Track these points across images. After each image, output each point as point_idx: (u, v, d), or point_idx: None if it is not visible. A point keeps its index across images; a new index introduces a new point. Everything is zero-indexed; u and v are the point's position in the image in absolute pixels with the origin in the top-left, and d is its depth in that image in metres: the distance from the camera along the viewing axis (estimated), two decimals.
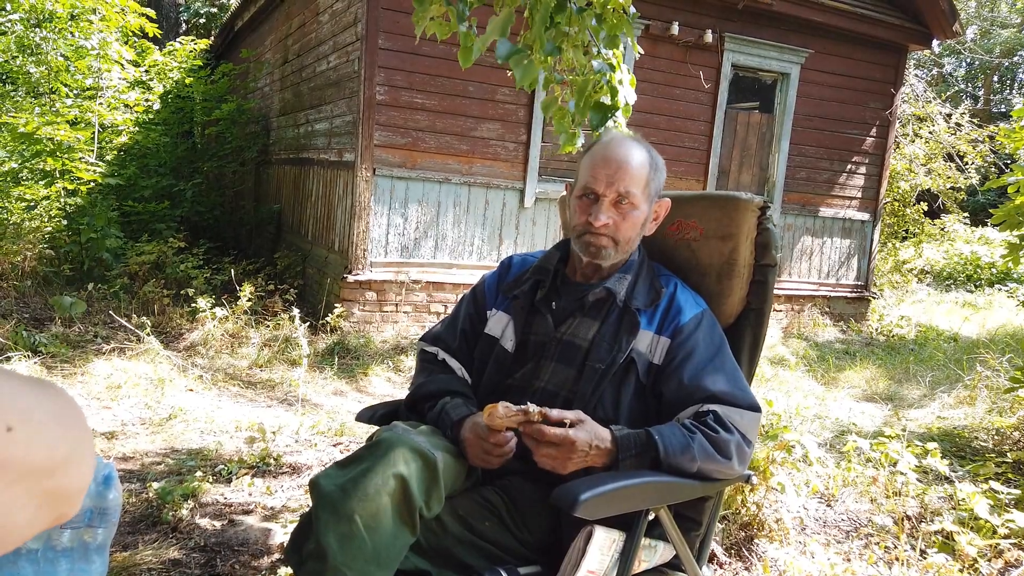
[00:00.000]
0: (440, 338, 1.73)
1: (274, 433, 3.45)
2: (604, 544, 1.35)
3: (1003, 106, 21.37)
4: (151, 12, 8.10)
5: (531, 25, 2.11)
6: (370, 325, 6.02)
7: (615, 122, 2.31)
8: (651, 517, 1.39)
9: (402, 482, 1.28)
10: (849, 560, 2.48)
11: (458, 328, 1.72)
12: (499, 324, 1.67)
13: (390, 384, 4.99)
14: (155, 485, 2.69)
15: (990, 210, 4.28)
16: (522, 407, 1.34)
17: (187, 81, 9.55)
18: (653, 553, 1.50)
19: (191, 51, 9.89)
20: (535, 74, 2.09)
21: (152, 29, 8.01)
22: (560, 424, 1.34)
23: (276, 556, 2.31)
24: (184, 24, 14.56)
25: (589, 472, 1.38)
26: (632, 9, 2.29)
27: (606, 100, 2.26)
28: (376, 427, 1.65)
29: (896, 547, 2.54)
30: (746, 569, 2.46)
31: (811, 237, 7.95)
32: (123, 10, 7.58)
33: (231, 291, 6.00)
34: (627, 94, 2.32)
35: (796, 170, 7.71)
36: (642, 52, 2.55)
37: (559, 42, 2.13)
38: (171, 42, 10.19)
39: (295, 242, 7.61)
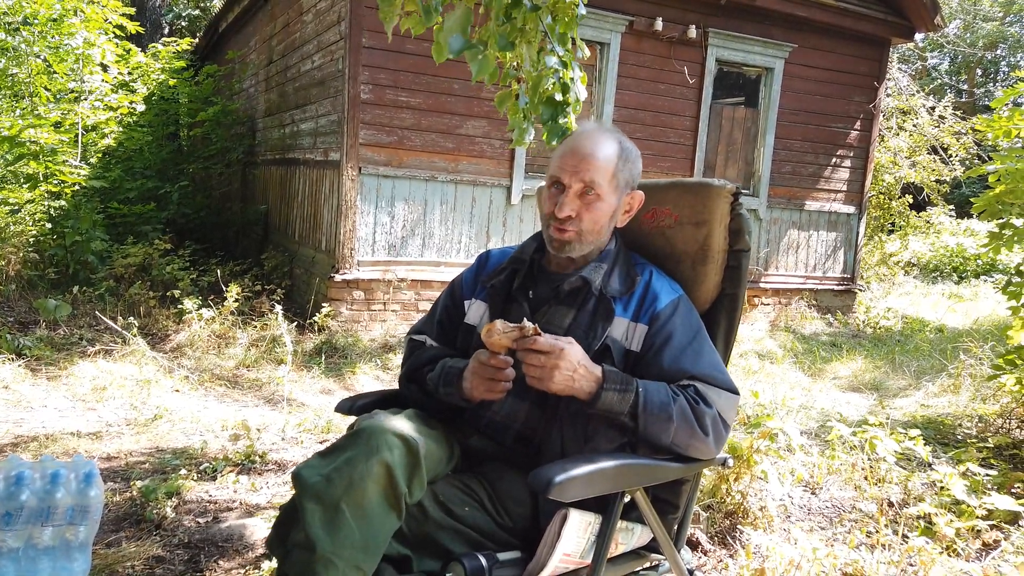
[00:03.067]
0: (422, 331, 1.78)
1: (259, 431, 3.44)
2: (580, 527, 1.36)
3: (987, 99, 21.52)
4: (131, 10, 8.05)
5: (488, 20, 2.14)
6: (358, 324, 6.01)
7: (566, 118, 2.35)
8: (627, 499, 1.40)
9: (387, 468, 1.30)
10: (831, 545, 2.50)
11: (435, 320, 1.77)
12: (477, 313, 1.69)
13: (378, 382, 4.98)
14: (139, 483, 2.68)
15: (971, 200, 4.31)
16: (519, 324, 1.37)
17: (171, 83, 9.50)
18: (631, 536, 1.52)
19: (174, 52, 9.84)
20: (491, 68, 2.14)
21: (134, 27, 7.97)
22: None
23: (260, 551, 2.31)
24: (167, 27, 14.50)
25: (564, 452, 1.38)
26: (581, 10, 2.33)
27: (558, 97, 2.31)
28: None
29: (878, 531, 2.56)
30: (730, 556, 2.47)
31: (797, 231, 7.99)
32: (103, 7, 7.53)
33: (218, 292, 5.98)
34: (579, 91, 2.38)
35: (781, 164, 7.75)
36: (588, 53, 2.58)
37: (513, 38, 2.17)
38: (154, 44, 10.13)
39: (282, 242, 7.59)
